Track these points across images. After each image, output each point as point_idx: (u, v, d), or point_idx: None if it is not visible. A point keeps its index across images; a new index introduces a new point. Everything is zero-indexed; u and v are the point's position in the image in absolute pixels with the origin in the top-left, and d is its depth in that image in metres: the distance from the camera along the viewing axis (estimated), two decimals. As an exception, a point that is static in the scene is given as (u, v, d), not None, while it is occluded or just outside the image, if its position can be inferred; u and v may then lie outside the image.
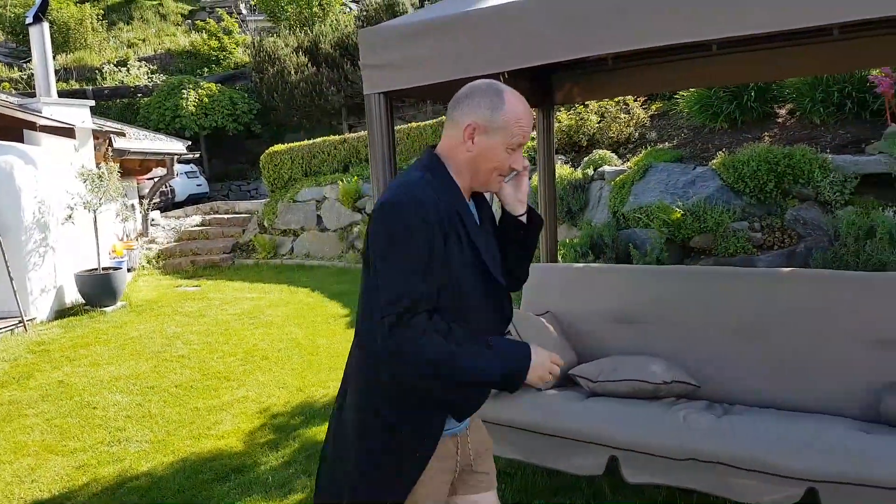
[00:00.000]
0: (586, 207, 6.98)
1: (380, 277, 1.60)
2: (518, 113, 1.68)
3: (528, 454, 3.05)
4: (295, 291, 9.15)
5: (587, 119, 7.77)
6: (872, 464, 2.36)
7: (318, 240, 11.87)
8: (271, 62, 18.66)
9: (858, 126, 4.83)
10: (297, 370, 5.57)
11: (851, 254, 3.98)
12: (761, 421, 2.69)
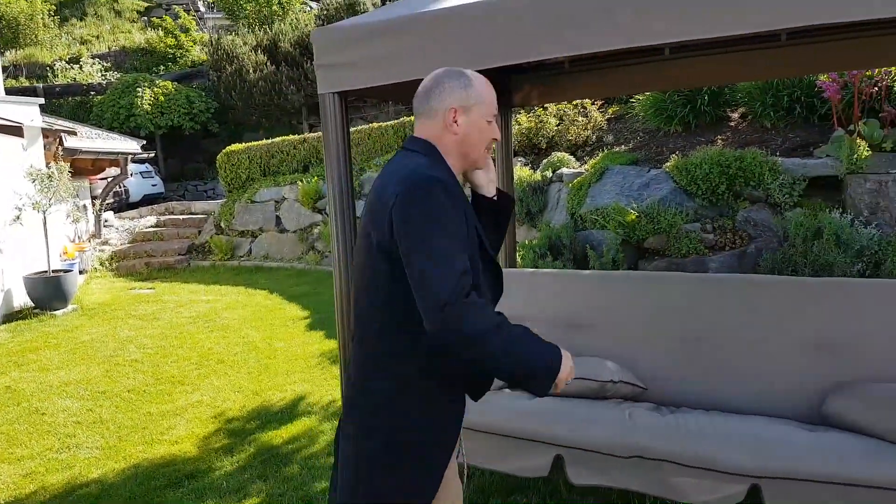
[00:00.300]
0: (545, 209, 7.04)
1: (423, 263, 1.57)
2: (484, 85, 1.78)
3: (472, 456, 3.04)
4: (252, 294, 9.03)
5: (546, 121, 7.83)
6: (814, 459, 2.42)
7: (277, 241, 11.74)
8: (229, 60, 18.40)
9: (807, 130, 4.96)
10: (254, 374, 5.49)
11: (800, 254, 4.09)
12: (706, 421, 2.73)
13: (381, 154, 11.64)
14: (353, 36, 2.67)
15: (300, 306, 7.99)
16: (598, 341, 3.43)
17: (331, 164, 2.75)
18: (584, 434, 2.77)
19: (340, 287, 2.88)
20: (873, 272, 4.00)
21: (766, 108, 5.12)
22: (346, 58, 2.67)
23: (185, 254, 12.23)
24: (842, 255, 4.00)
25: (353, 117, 18.69)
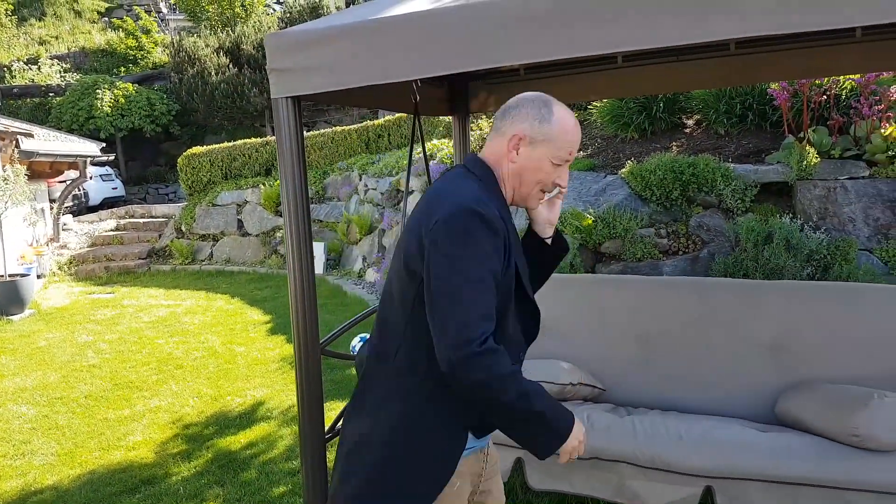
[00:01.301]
0: (507, 213, 7.08)
1: (444, 299, 1.48)
2: (566, 126, 1.63)
3: None
4: (213, 298, 8.93)
5: (508, 126, 7.90)
6: (765, 460, 2.48)
7: (238, 245, 11.63)
8: (191, 63, 18.18)
9: (759, 137, 5.09)
10: (213, 379, 5.44)
11: (751, 259, 4.20)
12: (662, 422, 2.78)
13: (344, 157, 11.61)
14: (308, 40, 2.67)
15: (261, 311, 7.94)
16: (557, 344, 3.47)
17: (285, 169, 2.75)
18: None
19: (296, 292, 2.88)
20: (822, 276, 4.13)
21: (719, 115, 5.25)
22: (300, 62, 2.67)
23: (145, 258, 12.05)
24: (792, 260, 4.12)
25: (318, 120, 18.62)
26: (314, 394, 3.03)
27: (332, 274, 9.95)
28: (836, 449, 2.45)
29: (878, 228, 4.25)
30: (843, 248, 4.13)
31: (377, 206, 9.76)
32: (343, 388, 4.95)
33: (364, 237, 9.85)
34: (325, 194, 11.53)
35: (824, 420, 2.54)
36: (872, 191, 4.26)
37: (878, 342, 2.85)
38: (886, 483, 2.33)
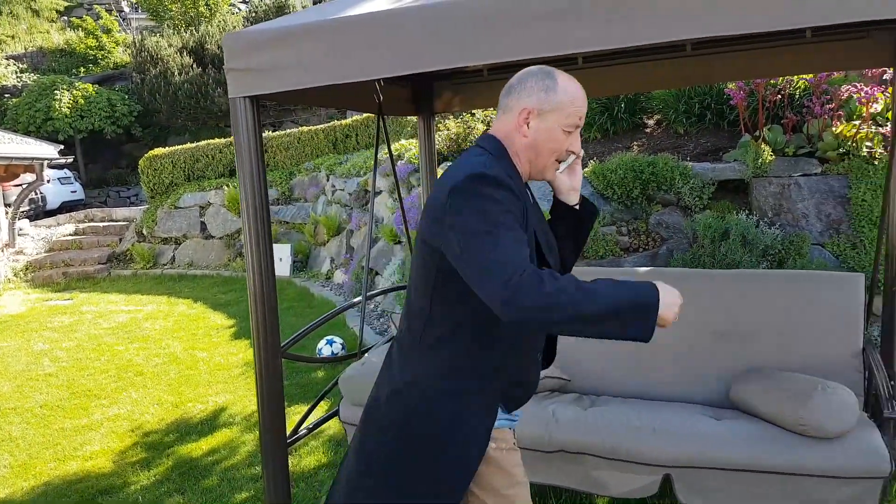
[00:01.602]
0: (473, 213, 7.10)
1: (478, 253, 1.48)
2: (571, 93, 1.66)
3: None
4: (175, 303, 8.79)
5: (474, 127, 7.91)
6: (720, 448, 2.55)
7: (202, 248, 11.46)
8: (153, 62, 17.89)
9: (717, 136, 5.17)
10: (174, 385, 5.35)
11: (708, 255, 4.26)
12: (623, 412, 2.84)
13: (311, 158, 11.53)
14: (266, 40, 2.64)
15: (225, 315, 7.83)
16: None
17: (243, 170, 2.71)
18: (511, 431, 2.84)
19: (255, 295, 2.85)
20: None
21: (679, 115, 5.32)
22: (259, 62, 2.64)
23: (105, 262, 11.82)
24: (748, 255, 4.19)
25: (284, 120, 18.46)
26: (275, 399, 3.00)
27: (300, 276, 9.87)
28: (785, 436, 2.54)
29: (830, 223, 4.35)
30: (797, 242, 4.22)
31: (345, 206, 9.70)
32: (309, 391, 4.90)
33: (332, 238, 9.79)
34: (291, 195, 11.42)
35: (773, 409, 2.63)
36: (824, 187, 4.36)
37: (826, 327, 2.94)
38: (832, 468, 2.43)
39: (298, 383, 5.15)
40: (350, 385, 3.13)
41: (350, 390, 3.13)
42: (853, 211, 4.27)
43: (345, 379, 3.15)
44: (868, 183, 4.25)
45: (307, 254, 10.43)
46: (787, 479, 2.47)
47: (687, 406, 2.94)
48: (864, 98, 4.37)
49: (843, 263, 4.22)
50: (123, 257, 12.05)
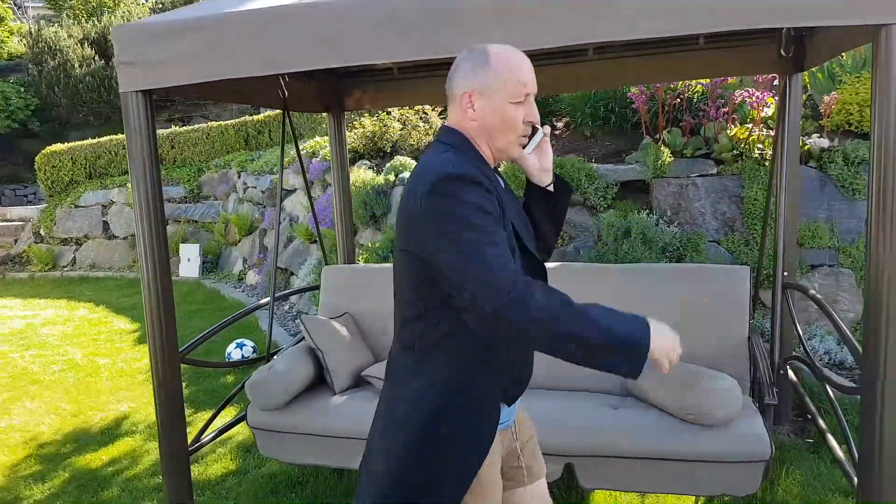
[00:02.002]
0: (389, 212, 7.08)
1: (458, 263, 1.43)
2: (508, 61, 1.56)
3: (326, 458, 3.09)
4: (76, 307, 8.37)
5: (390, 126, 7.89)
6: (616, 437, 2.66)
7: (105, 248, 10.96)
8: (52, 54, 16.94)
9: (621, 138, 5.35)
10: (73, 394, 5.09)
11: (611, 252, 4.41)
12: (538, 404, 2.91)
13: (221, 154, 11.20)
14: (159, 33, 2.56)
15: (129, 319, 7.51)
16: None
17: (136, 168, 2.62)
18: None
19: (150, 298, 2.75)
20: (676, 268, 4.41)
21: (585, 117, 5.48)
22: (151, 55, 2.56)
23: (-1, 265, 11.13)
24: (648, 252, 4.36)
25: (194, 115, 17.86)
26: (174, 406, 2.91)
27: (210, 277, 9.58)
28: (674, 424, 2.66)
29: (725, 221, 4.58)
30: (695, 240, 4.42)
31: (258, 204, 9.48)
32: (217, 396, 4.77)
33: (244, 238, 9.55)
34: (200, 193, 11.07)
35: (664, 398, 2.75)
36: (720, 187, 4.58)
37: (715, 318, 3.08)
38: (717, 453, 2.56)
39: (207, 388, 5.00)
40: (257, 390, 3.06)
41: (258, 395, 3.06)
42: (746, 209, 4.51)
43: (252, 384, 3.08)
44: (760, 183, 4.49)
45: (218, 254, 10.13)
46: (676, 465, 2.59)
47: (590, 396, 3.03)
48: (756, 103, 4.62)
49: (737, 259, 4.45)
50: (19, 259, 11.38)
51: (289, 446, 3.12)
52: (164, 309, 2.78)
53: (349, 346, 3.40)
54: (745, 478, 2.55)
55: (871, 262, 2.20)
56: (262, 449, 3.19)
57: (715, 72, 3.60)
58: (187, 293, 8.61)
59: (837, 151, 4.62)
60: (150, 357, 2.81)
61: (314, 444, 3.06)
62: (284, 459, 3.17)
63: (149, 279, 2.72)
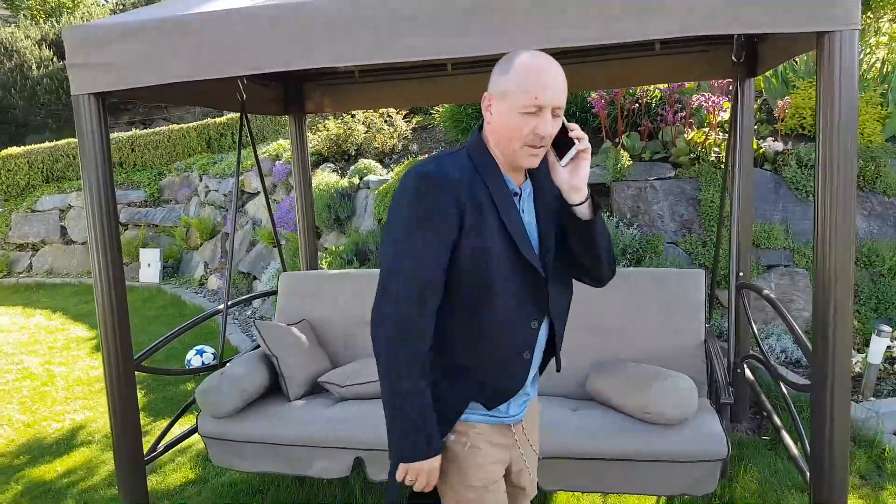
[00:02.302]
0: (353, 215, 7.05)
1: (382, 270, 1.56)
2: (527, 69, 1.51)
3: (280, 465, 3.04)
4: (32, 314, 8.17)
5: (354, 129, 7.87)
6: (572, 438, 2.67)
7: (62, 254, 10.73)
8: (8, 55, 16.56)
9: (583, 141, 5.43)
10: (27, 403, 4.97)
11: (574, 255, 4.45)
12: None
13: (182, 157, 11.05)
14: (112, 35, 2.51)
15: (87, 326, 7.36)
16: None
17: (88, 173, 2.56)
18: (380, 435, 2.84)
19: (104, 305, 2.70)
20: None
21: (548, 121, 5.54)
22: (104, 58, 2.51)
23: (-49, 272, 10.81)
24: (610, 255, 4.42)
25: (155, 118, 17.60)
26: (129, 415, 2.86)
27: (170, 283, 9.43)
28: (635, 425, 2.68)
29: (683, 223, 4.66)
30: (653, 242, 4.49)
31: (220, 208, 9.37)
32: (177, 404, 4.69)
33: (206, 242, 9.43)
34: (161, 197, 10.91)
35: (621, 399, 2.77)
36: (677, 190, 4.66)
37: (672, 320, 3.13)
38: (678, 452, 2.58)
39: (166, 396, 4.92)
40: (208, 397, 3.00)
41: (208, 402, 3.00)
42: (703, 211, 4.59)
43: (202, 391, 3.02)
44: (716, 185, 4.58)
45: (179, 259, 9.98)
46: (636, 465, 2.61)
47: (550, 399, 3.05)
48: (712, 107, 4.71)
49: (694, 260, 4.53)
50: (-28, 266, 11.08)
51: (242, 455, 3.06)
52: (118, 316, 2.73)
53: (306, 352, 3.36)
54: (702, 477, 2.59)
55: (819, 262, 2.26)
56: (214, 458, 3.11)
57: (671, 77, 3.66)
58: (147, 299, 8.47)
59: (791, 154, 4.73)
60: (104, 365, 2.75)
61: (268, 452, 3.00)
62: (238, 468, 3.11)
63: (102, 286, 2.66)
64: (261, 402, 3.16)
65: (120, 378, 2.76)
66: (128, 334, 2.76)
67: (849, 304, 2.25)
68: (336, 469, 2.93)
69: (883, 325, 3.68)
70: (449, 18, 2.24)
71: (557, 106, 1.52)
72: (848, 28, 2.08)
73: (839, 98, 2.14)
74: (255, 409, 3.10)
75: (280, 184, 8.00)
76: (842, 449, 2.30)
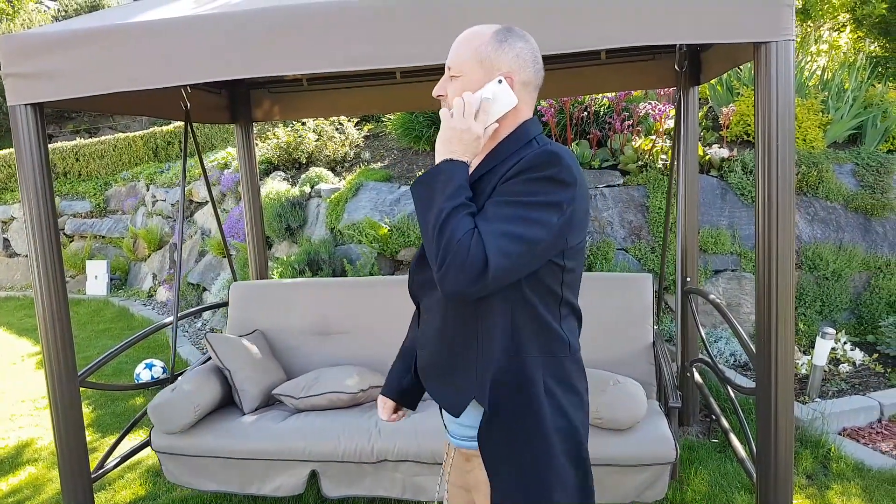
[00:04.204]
0: (305, 224, 6.98)
1: None
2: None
3: (227, 483, 2.98)
4: (-28, 329, 7.88)
5: (305, 137, 7.79)
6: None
7: (5, 267, 10.37)
8: (-57, 61, 15.97)
9: (534, 149, 5.47)
10: (-34, 422, 4.78)
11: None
12: (435, 412, 2.94)
13: (129, 167, 10.79)
14: (50, 43, 2.44)
15: (32, 340, 7.12)
16: (352, 346, 3.53)
17: (27, 184, 2.49)
18: (336, 447, 2.82)
19: (45, 320, 2.61)
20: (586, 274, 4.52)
21: (499, 128, 5.57)
22: (42, 67, 2.44)
23: None
24: (562, 262, 4.47)
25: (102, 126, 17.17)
26: (74, 432, 2.78)
27: (118, 295, 9.19)
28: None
29: (632, 230, 4.74)
30: (604, 248, 4.55)
31: (167, 218, 9.18)
32: (126, 420, 4.56)
33: (153, 253, 9.22)
34: (107, 207, 10.63)
35: None
36: (626, 197, 4.74)
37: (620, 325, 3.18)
38: (625, 457, 2.62)
39: (115, 412, 4.78)
40: (160, 412, 2.94)
41: (161, 418, 2.94)
42: (651, 218, 4.68)
43: (154, 406, 2.96)
44: (663, 192, 4.67)
45: (126, 270, 9.74)
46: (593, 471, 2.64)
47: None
48: (658, 115, 4.81)
49: (644, 266, 4.61)
50: None
51: (197, 470, 3.01)
52: (61, 331, 2.65)
53: (259, 364, 3.32)
54: (652, 480, 2.62)
55: (760, 267, 2.32)
56: (168, 475, 3.06)
57: (617, 86, 3.73)
58: (95, 312, 8.23)
59: (737, 161, 4.86)
60: (47, 382, 2.67)
61: (223, 466, 2.97)
62: (193, 486, 3.05)
63: (43, 300, 2.58)
64: (214, 415, 3.11)
65: (64, 394, 2.67)
66: (71, 349, 2.68)
67: (790, 308, 2.31)
68: (291, 484, 2.90)
69: (827, 327, 3.80)
70: (394, 28, 2.24)
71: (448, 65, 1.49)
72: (783, 39, 2.15)
73: (776, 106, 2.21)
74: (208, 423, 3.05)
75: (229, 192, 7.88)
76: (786, 449, 2.36)
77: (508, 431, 1.43)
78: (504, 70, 1.44)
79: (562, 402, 1.44)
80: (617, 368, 3.04)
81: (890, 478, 3.21)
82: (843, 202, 4.97)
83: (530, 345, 1.43)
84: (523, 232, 1.31)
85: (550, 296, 1.45)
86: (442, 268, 1.31)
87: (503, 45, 1.45)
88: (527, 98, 1.48)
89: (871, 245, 4.88)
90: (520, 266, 1.33)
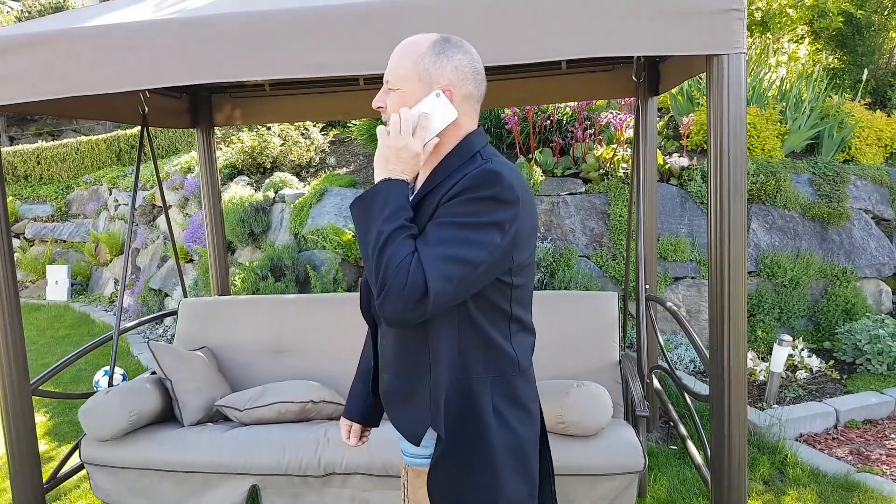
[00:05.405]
0: (269, 230, 6.93)
1: None
2: None
3: (161, 499, 2.89)
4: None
5: (270, 141, 7.74)
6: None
7: (-40, 272, 10.09)
8: None
9: (499, 156, 5.52)
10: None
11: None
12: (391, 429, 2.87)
13: (91, 170, 10.60)
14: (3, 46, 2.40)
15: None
16: (305, 363, 3.47)
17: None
18: (280, 460, 2.77)
19: (-5, 327, 2.56)
20: (549, 281, 4.56)
21: (464, 135, 5.60)
22: (-6, 70, 2.39)
23: None
24: (525, 268, 4.50)
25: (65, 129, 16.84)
26: (26, 441, 2.72)
27: (79, 300, 9.01)
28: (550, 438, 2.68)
29: (594, 237, 4.79)
30: (566, 255, 4.60)
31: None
32: (80, 429, 4.47)
33: (115, 258, 9.05)
34: (68, 211, 10.42)
35: None
36: (588, 204, 4.80)
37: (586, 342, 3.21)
38: (592, 465, 2.61)
39: (72, 420, 4.68)
40: (91, 416, 2.83)
41: (92, 423, 2.83)
42: (612, 225, 4.74)
43: (86, 410, 2.83)
44: (624, 200, 4.74)
45: (88, 275, 9.56)
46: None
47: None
48: (619, 124, 4.88)
49: (605, 273, 4.66)
50: None
51: (128, 485, 2.91)
52: (12, 337, 2.60)
53: (204, 377, 3.23)
54: (621, 490, 2.60)
55: (713, 275, 2.37)
56: (96, 491, 2.93)
57: (578, 95, 3.77)
58: (55, 318, 8.06)
59: (696, 169, 4.95)
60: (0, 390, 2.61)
61: (157, 481, 2.87)
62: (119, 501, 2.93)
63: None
64: (152, 427, 3.02)
65: (16, 403, 2.62)
66: (23, 356, 2.62)
67: (743, 314, 2.36)
68: (230, 500, 2.83)
69: (784, 334, 3.86)
70: (352, 35, 2.25)
71: (386, 78, 1.46)
72: (734, 52, 2.21)
73: (727, 116, 2.26)
74: (144, 433, 2.95)
75: (192, 197, 7.79)
76: (740, 454, 2.40)
77: (455, 459, 1.41)
78: (443, 83, 1.41)
79: (509, 420, 1.42)
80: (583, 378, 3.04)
81: (844, 483, 3.27)
82: (801, 210, 5.09)
83: (477, 364, 1.41)
84: (465, 254, 1.29)
85: (499, 313, 1.43)
86: (381, 294, 1.29)
87: (440, 56, 1.41)
88: (468, 110, 1.45)
89: (828, 253, 5.00)
90: (462, 289, 1.32)
